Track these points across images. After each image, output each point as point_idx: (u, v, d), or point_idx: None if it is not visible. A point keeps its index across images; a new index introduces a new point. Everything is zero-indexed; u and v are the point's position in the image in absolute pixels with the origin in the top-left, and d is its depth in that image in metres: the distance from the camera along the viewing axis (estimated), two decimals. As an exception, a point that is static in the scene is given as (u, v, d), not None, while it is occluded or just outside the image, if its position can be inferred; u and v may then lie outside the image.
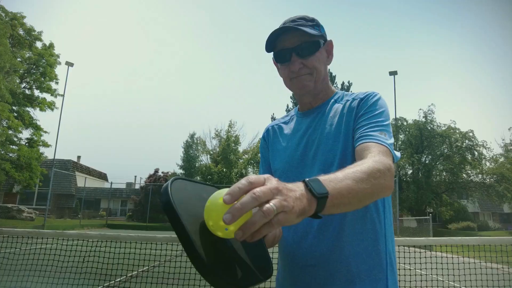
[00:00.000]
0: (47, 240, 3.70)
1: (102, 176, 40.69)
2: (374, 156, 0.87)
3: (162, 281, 3.51)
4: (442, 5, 71.84)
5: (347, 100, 1.13)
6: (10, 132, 18.95)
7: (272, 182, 0.57)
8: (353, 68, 65.16)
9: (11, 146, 19.09)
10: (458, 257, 4.09)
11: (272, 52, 1.15)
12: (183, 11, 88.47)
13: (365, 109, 1.06)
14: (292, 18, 1.13)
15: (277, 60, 1.16)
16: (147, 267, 5.96)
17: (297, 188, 0.61)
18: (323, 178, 0.67)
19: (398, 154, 1.02)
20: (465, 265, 3.73)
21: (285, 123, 1.29)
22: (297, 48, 1.09)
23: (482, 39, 64.60)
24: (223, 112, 59.77)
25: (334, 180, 0.69)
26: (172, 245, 3.44)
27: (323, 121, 1.12)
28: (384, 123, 1.01)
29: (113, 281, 4.30)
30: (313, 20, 1.14)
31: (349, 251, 0.99)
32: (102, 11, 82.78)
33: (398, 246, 3.61)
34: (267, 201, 0.54)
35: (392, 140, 0.99)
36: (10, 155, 19.05)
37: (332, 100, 1.17)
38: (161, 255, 3.63)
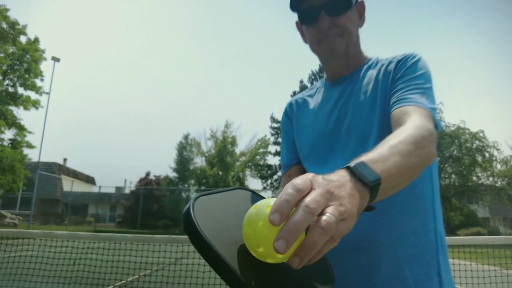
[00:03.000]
0: (19, 240, 3.59)
1: (90, 180, 40.46)
2: (414, 120, 0.80)
3: (160, 285, 3.43)
4: (453, 2, 72.39)
5: (382, 65, 1.06)
6: (-8, 132, 18.74)
7: (319, 182, 0.49)
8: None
9: (-8, 147, 18.88)
10: (471, 264, 4.04)
11: (297, 13, 1.09)
12: (178, 6, 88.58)
13: (403, 71, 0.98)
14: None
15: (303, 21, 1.09)
16: (145, 272, 5.86)
17: (344, 179, 0.52)
18: (367, 159, 0.59)
19: (441, 123, 0.96)
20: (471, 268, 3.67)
21: (311, 96, 1.22)
22: (326, 5, 1.03)
23: (493, 37, 65.04)
24: (219, 111, 59.66)
25: (381, 159, 0.61)
26: (171, 246, 3.36)
27: (357, 90, 1.06)
28: (425, 86, 0.94)
29: (112, 286, 4.14)
30: None
31: (396, 233, 0.92)
32: (91, 4, 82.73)
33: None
34: (322, 212, 0.46)
35: (434, 105, 0.91)
36: (-8, 156, 18.83)
37: (366, 67, 1.10)
38: (159, 258, 3.54)
